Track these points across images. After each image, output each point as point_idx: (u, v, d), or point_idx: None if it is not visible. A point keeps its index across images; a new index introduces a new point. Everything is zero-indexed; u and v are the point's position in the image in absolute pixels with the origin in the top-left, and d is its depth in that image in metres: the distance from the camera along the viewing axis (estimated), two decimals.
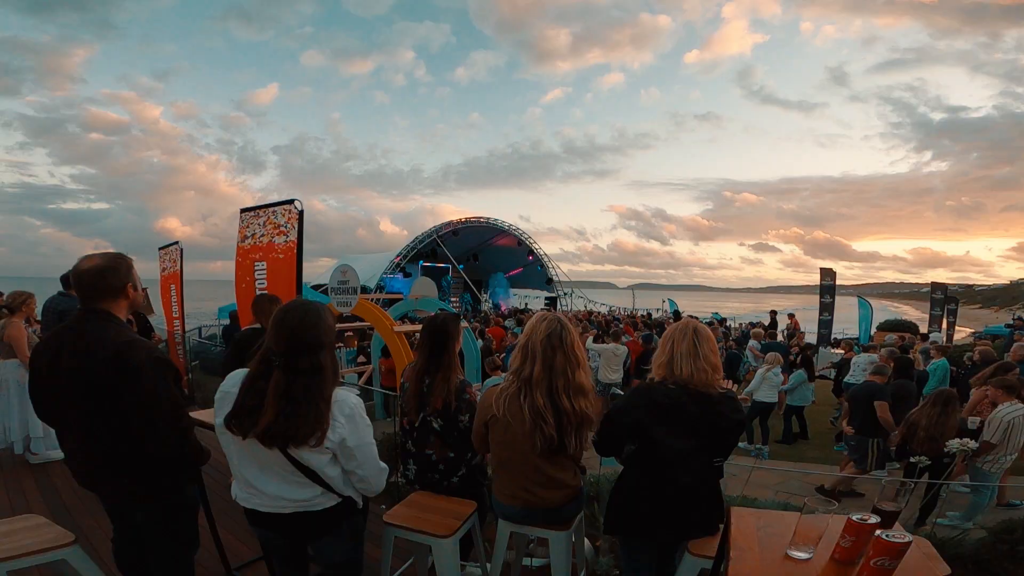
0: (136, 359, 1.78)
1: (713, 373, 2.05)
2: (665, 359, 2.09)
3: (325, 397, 1.61)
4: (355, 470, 1.72)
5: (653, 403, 2.02)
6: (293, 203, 4.35)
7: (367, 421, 1.71)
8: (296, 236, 4.25)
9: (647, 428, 2.02)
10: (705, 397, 2.02)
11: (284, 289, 4.24)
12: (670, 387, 2.04)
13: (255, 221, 4.53)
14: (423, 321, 2.77)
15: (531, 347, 2.12)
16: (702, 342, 2.07)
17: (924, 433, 4.50)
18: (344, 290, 6.80)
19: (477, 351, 7.87)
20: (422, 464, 2.59)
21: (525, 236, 24.56)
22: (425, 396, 2.54)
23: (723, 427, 2.04)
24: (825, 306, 18.91)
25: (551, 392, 2.06)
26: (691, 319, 2.27)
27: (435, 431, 2.54)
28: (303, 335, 1.62)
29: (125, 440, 1.82)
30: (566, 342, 2.10)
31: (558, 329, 2.12)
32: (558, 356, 2.08)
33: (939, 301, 21.10)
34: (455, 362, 2.61)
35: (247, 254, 4.49)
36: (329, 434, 1.60)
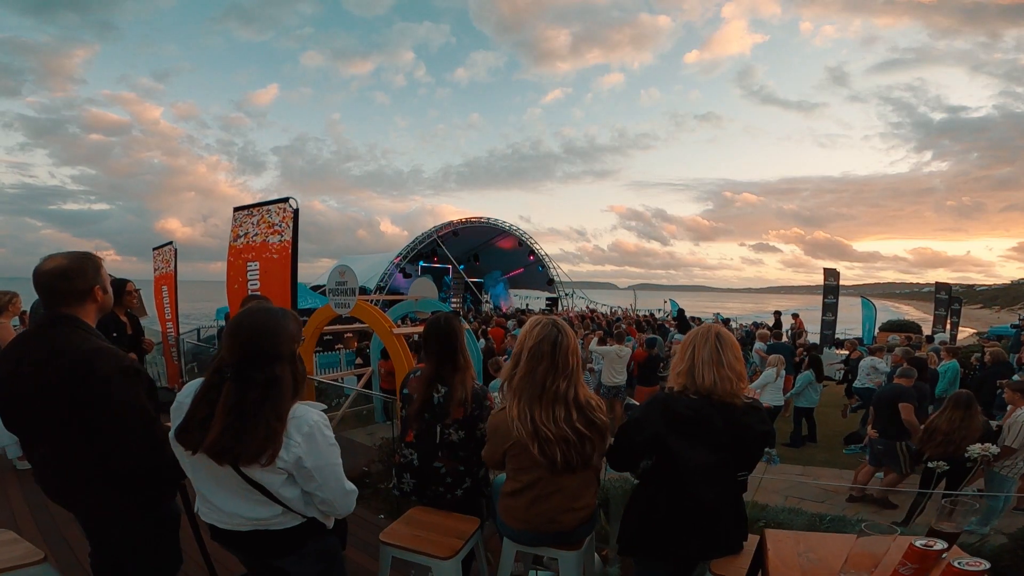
0: (103, 368, 1.63)
1: (738, 382, 1.90)
2: (685, 367, 1.94)
3: (279, 413, 1.47)
4: (315, 492, 1.57)
5: (673, 415, 1.87)
6: (288, 201, 4.20)
7: (330, 440, 1.56)
8: (291, 235, 4.10)
9: (666, 442, 1.87)
10: (730, 408, 1.87)
11: (278, 290, 4.08)
12: (691, 397, 1.89)
13: (248, 220, 4.37)
14: (424, 323, 2.60)
15: (521, 353, 2.00)
16: (725, 348, 1.92)
17: (945, 438, 4.37)
18: (342, 291, 6.66)
19: (478, 352, 7.72)
20: (426, 477, 2.42)
21: (526, 236, 24.41)
22: (442, 406, 2.36)
23: (749, 440, 1.89)
24: (828, 306, 18.77)
25: (530, 399, 1.95)
26: (712, 323, 2.11)
27: (452, 444, 2.37)
28: (257, 344, 1.49)
29: (94, 454, 1.69)
30: (560, 347, 1.96)
31: (552, 333, 1.97)
32: (544, 363, 1.95)
33: (943, 301, 20.96)
34: (469, 362, 2.46)
35: (239, 254, 4.33)
36: (282, 453, 1.47)
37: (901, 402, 5.16)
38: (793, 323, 14.71)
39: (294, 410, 1.51)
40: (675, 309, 26.45)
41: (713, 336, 1.94)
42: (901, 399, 5.19)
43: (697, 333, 1.98)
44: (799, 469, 6.84)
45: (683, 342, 2.03)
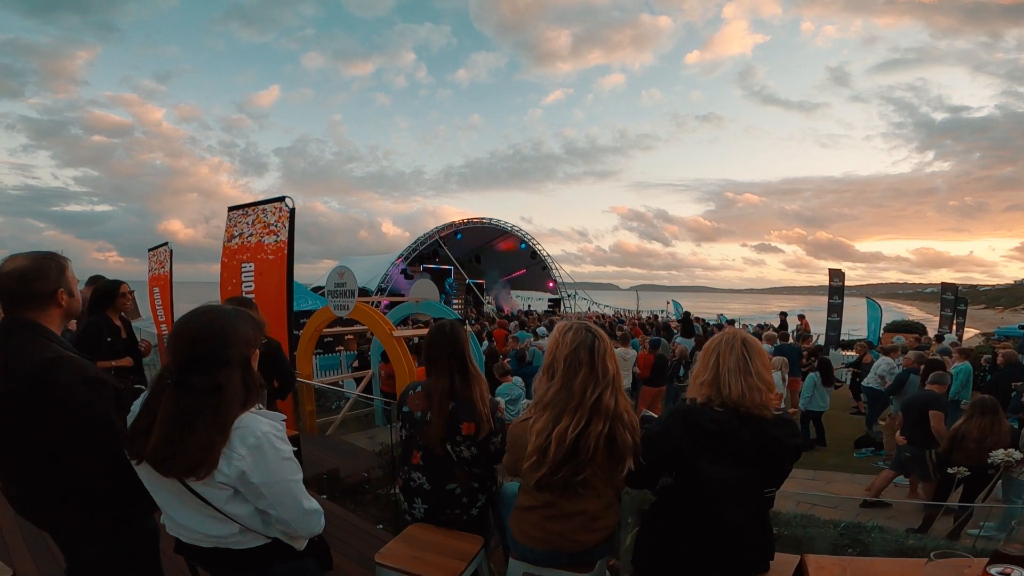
0: (64, 379, 1.49)
1: (767, 392, 1.75)
2: (709, 376, 1.78)
3: (219, 423, 1.33)
4: (268, 511, 1.42)
5: (696, 429, 1.72)
6: (284, 200, 4.05)
7: (283, 454, 1.41)
8: (287, 235, 3.95)
9: (689, 457, 1.72)
10: (758, 421, 1.72)
11: (273, 292, 3.94)
12: (716, 410, 1.73)
13: (243, 220, 4.23)
14: (427, 326, 2.43)
15: (554, 364, 1.82)
16: (753, 356, 1.76)
17: (977, 445, 4.22)
18: (341, 293, 6.53)
19: (480, 355, 7.58)
20: (440, 500, 2.24)
21: (528, 237, 24.26)
22: (451, 422, 2.20)
23: (779, 454, 1.74)
24: (834, 307, 18.57)
25: (561, 415, 1.76)
26: (737, 328, 1.95)
27: (465, 461, 2.20)
28: (199, 349, 1.37)
29: (57, 470, 1.55)
30: (598, 353, 1.80)
31: (588, 338, 1.81)
32: (582, 372, 1.77)
33: (949, 302, 20.77)
34: (479, 371, 2.30)
35: (234, 255, 4.19)
36: (222, 467, 1.33)
37: (932, 410, 5.00)
38: (799, 324, 14.52)
39: (240, 420, 1.37)
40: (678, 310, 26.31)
41: (739, 343, 1.78)
42: (932, 407, 5.03)
43: (721, 340, 1.83)
44: (810, 474, 6.68)
45: (705, 350, 1.87)
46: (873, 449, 7.46)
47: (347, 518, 3.87)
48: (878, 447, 7.48)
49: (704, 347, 1.89)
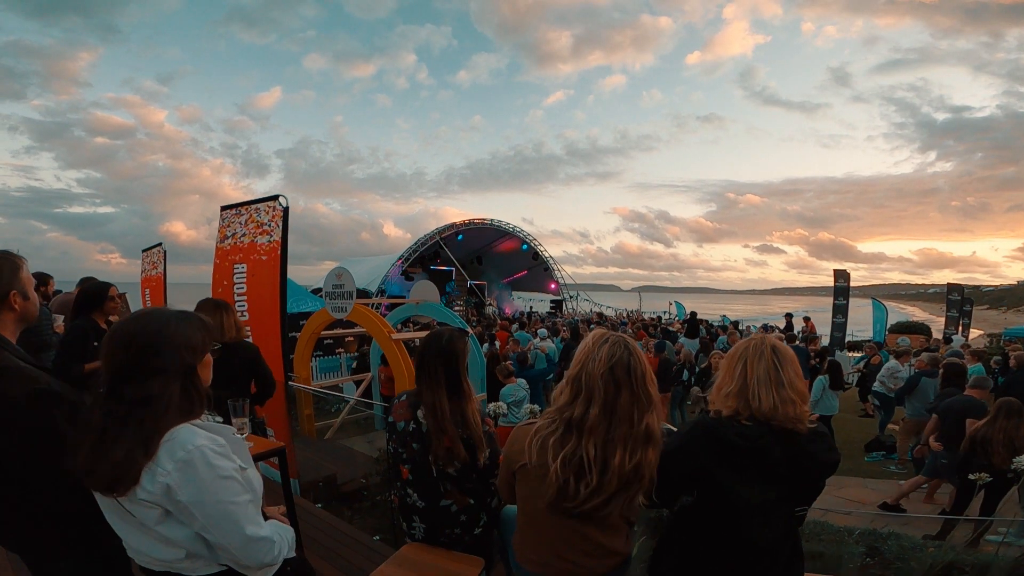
0: (9, 391, 1.35)
1: (802, 404, 1.59)
2: (735, 387, 1.62)
3: (144, 436, 1.20)
4: (204, 535, 1.27)
5: (723, 444, 1.56)
6: (277, 199, 3.91)
7: (222, 471, 1.25)
8: (280, 235, 3.81)
9: (713, 475, 1.56)
10: (793, 436, 1.56)
11: (267, 294, 3.80)
12: (744, 424, 1.57)
13: (236, 220, 4.09)
14: (425, 332, 2.26)
15: (587, 380, 1.58)
16: (785, 364, 1.60)
17: (1005, 449, 4.08)
18: (339, 294, 6.38)
19: (482, 359, 7.42)
20: (438, 519, 2.09)
21: (530, 238, 24.11)
22: (431, 435, 2.04)
23: (815, 472, 1.59)
24: (839, 308, 18.43)
25: (606, 442, 1.55)
26: (766, 334, 1.79)
27: (451, 477, 2.05)
28: (133, 355, 1.25)
29: (13, 487, 1.42)
30: (635, 374, 1.56)
31: (624, 356, 1.57)
32: (623, 395, 1.54)
33: (956, 303, 20.60)
34: (471, 388, 2.14)
35: (226, 255, 4.05)
36: (145, 482, 1.19)
37: (969, 417, 4.84)
38: (804, 326, 14.35)
39: (173, 432, 1.23)
40: (680, 311, 26.13)
41: (769, 350, 1.62)
42: (969, 413, 4.87)
43: (748, 347, 1.66)
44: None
45: (730, 358, 1.70)
46: (884, 453, 7.30)
47: (342, 528, 3.73)
48: (889, 451, 7.33)
49: (728, 355, 1.73)
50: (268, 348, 3.94)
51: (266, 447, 2.53)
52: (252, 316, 3.94)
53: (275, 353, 3.88)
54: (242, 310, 3.96)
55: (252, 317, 3.95)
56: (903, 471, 6.72)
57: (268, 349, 3.95)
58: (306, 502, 4.06)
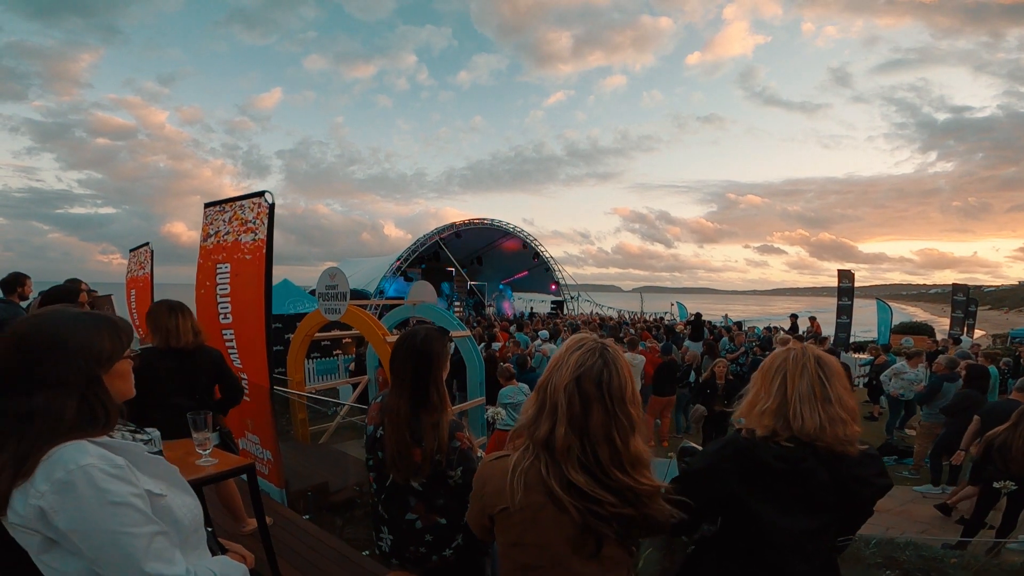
0: None
1: (852, 423, 1.38)
2: (773, 404, 1.41)
3: (21, 454, 1.03)
4: (96, 569, 1.06)
5: (758, 467, 1.36)
6: (263, 196, 3.71)
7: (113, 496, 1.05)
8: (266, 233, 3.61)
9: (745, 502, 1.36)
10: (842, 459, 1.36)
11: (251, 294, 3.60)
12: (785, 445, 1.37)
13: (220, 217, 3.89)
14: (399, 336, 2.03)
15: (550, 392, 1.31)
16: (832, 379, 1.40)
17: (1022, 456, 3.89)
18: (333, 295, 6.18)
19: (480, 362, 7.21)
20: (402, 533, 1.89)
21: (530, 238, 23.90)
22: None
23: (865, 498, 1.39)
24: (843, 308, 18.19)
25: (588, 466, 1.27)
26: (806, 344, 1.58)
27: (415, 491, 1.85)
28: (16, 363, 1.08)
29: None
30: (609, 389, 1.28)
31: (597, 367, 1.29)
32: (595, 412, 1.26)
33: (961, 303, 20.35)
34: (446, 398, 1.91)
35: (209, 254, 3.85)
36: (15, 503, 1.01)
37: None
38: (810, 326, 14.12)
39: (57, 449, 1.04)
40: (682, 312, 25.90)
41: (813, 363, 1.41)
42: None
43: (787, 358, 1.45)
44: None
45: (766, 371, 1.49)
46: (897, 457, 7.09)
47: (330, 543, 3.52)
48: (901, 455, 7.12)
49: (763, 367, 1.52)
50: (252, 352, 3.75)
51: (230, 465, 2.31)
52: (236, 318, 3.74)
53: (259, 357, 3.68)
54: (225, 312, 3.76)
55: (236, 319, 3.74)
56: (916, 476, 6.52)
57: (252, 353, 3.75)
58: (293, 514, 3.86)
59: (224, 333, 3.79)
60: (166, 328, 2.81)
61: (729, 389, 6.66)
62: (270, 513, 3.76)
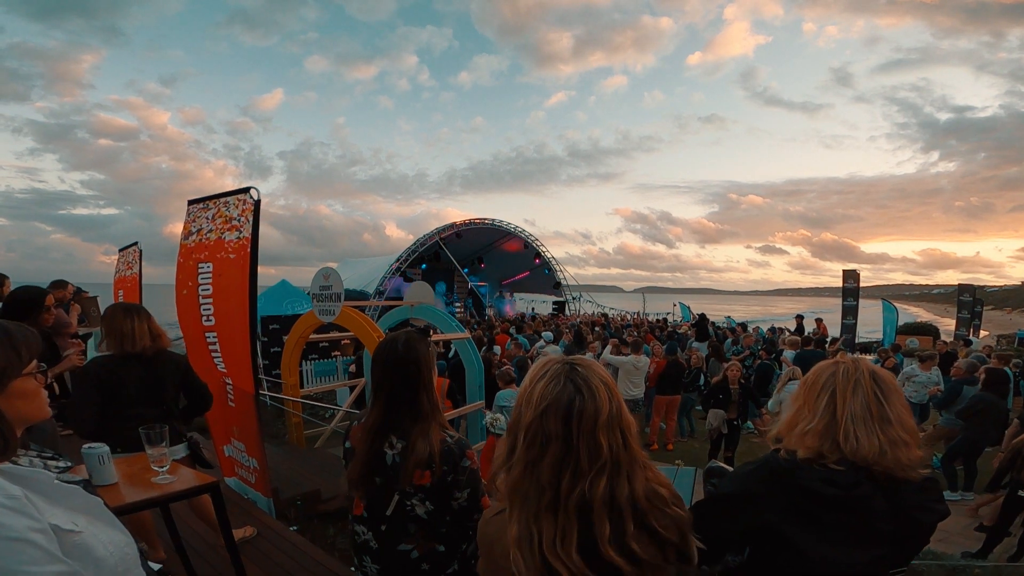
0: None
1: (914, 446, 1.21)
2: (819, 424, 1.23)
3: None
4: None
5: (801, 493, 1.18)
6: (248, 192, 3.53)
7: (10, 532, 0.88)
8: (251, 231, 3.43)
9: (783, 533, 1.18)
10: (902, 485, 1.18)
11: (234, 296, 3.42)
12: (835, 468, 1.19)
13: (203, 214, 3.71)
14: (378, 346, 1.83)
15: (516, 427, 1.09)
16: (889, 396, 1.22)
17: None
18: (327, 296, 6.00)
19: (480, 365, 7.02)
20: (395, 564, 1.70)
21: (532, 239, 23.70)
22: (397, 467, 1.65)
23: (926, 527, 1.22)
24: (848, 309, 17.98)
25: (564, 524, 1.02)
26: (858, 357, 1.39)
27: (418, 519, 1.66)
28: None
29: None
30: (582, 421, 1.03)
31: (570, 395, 1.04)
32: (550, 451, 1.03)
33: (967, 304, 20.11)
34: (437, 406, 1.72)
35: (191, 253, 3.66)
36: None
37: None
38: (816, 327, 13.90)
39: None
40: (685, 312, 25.69)
41: (868, 378, 1.23)
42: None
43: (836, 373, 1.26)
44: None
45: (809, 387, 1.30)
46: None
47: (316, 556, 3.33)
48: None
49: (807, 382, 1.33)
50: (236, 356, 3.56)
51: (190, 483, 2.11)
52: (219, 320, 3.56)
53: (244, 361, 3.49)
54: (208, 314, 3.58)
55: (219, 322, 3.56)
56: None
57: (236, 357, 3.57)
58: (279, 524, 3.67)
59: (207, 336, 3.60)
60: (121, 332, 2.60)
61: (743, 395, 6.31)
62: (255, 524, 3.58)
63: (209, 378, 3.81)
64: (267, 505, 3.86)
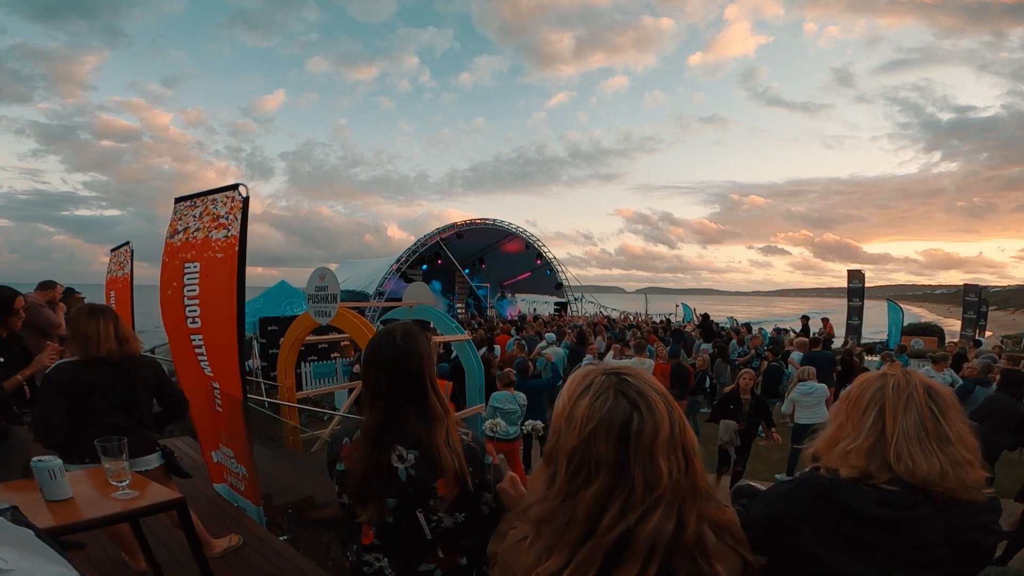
0: None
1: (977, 466, 1.08)
2: (866, 443, 1.10)
3: None
4: None
5: (847, 516, 1.05)
6: (237, 189, 3.39)
7: None
8: (239, 229, 3.28)
9: (823, 561, 1.05)
10: (963, 507, 1.06)
11: (222, 297, 3.28)
12: (887, 488, 1.05)
13: (190, 212, 3.57)
14: (371, 341, 1.63)
15: (555, 451, 0.92)
16: (947, 412, 1.09)
17: None
18: (323, 298, 5.86)
19: (480, 367, 6.87)
20: None
21: (533, 239, 23.54)
22: (417, 481, 1.45)
23: (986, 550, 1.09)
24: (854, 310, 17.81)
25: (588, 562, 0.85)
26: (909, 369, 1.23)
27: (445, 533, 1.48)
28: None
29: None
30: (638, 444, 0.86)
31: (624, 412, 0.87)
32: (597, 484, 0.86)
33: (973, 304, 19.88)
34: (447, 404, 1.54)
35: (176, 252, 3.52)
36: None
37: None
38: (822, 327, 13.72)
39: None
40: (688, 313, 25.49)
41: (922, 393, 1.09)
42: None
43: (886, 388, 1.13)
44: None
45: (853, 401, 1.17)
46: None
47: (304, 567, 3.16)
48: None
49: (848, 397, 1.19)
50: (223, 359, 3.42)
51: (154, 499, 1.94)
52: (204, 323, 3.41)
53: (231, 366, 3.35)
54: (193, 315, 3.43)
55: (204, 324, 3.41)
56: None
57: (223, 360, 3.42)
58: (268, 534, 3.52)
59: (192, 338, 3.46)
60: (85, 335, 2.44)
61: (755, 406, 5.86)
62: (242, 532, 3.43)
63: (196, 382, 3.67)
64: (256, 513, 3.71)
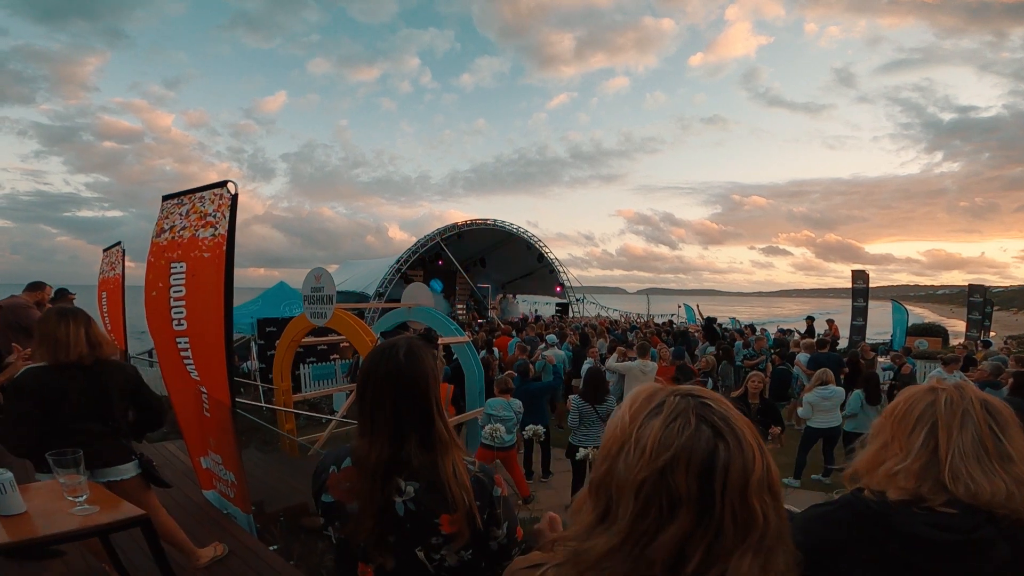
0: None
1: None
2: (916, 463, 0.98)
3: None
4: None
5: (900, 542, 0.94)
6: (225, 186, 3.26)
7: None
8: (227, 228, 3.16)
9: None
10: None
11: (209, 298, 3.15)
12: (942, 512, 0.94)
13: (177, 211, 3.44)
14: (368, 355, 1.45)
15: (610, 483, 0.74)
16: (1007, 429, 0.98)
17: None
18: (318, 299, 5.74)
19: (480, 370, 6.73)
20: None
21: (534, 240, 23.41)
22: (416, 516, 1.29)
23: None
24: (858, 310, 17.65)
25: None
26: (962, 383, 1.10)
27: (451, 571, 1.32)
28: None
29: None
30: (730, 478, 0.69)
31: (708, 442, 0.70)
32: (678, 523, 0.68)
33: (978, 305, 19.66)
34: (452, 429, 1.37)
35: (163, 252, 3.39)
36: None
37: None
38: (828, 329, 13.55)
39: None
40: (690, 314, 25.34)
41: (978, 407, 0.99)
42: None
43: (936, 402, 1.02)
44: None
45: (895, 417, 1.06)
46: None
47: None
48: None
49: (893, 412, 1.07)
50: (210, 363, 3.29)
51: (115, 515, 1.80)
52: (191, 325, 3.28)
53: (219, 370, 3.21)
54: (179, 317, 3.30)
55: (191, 326, 3.28)
56: None
57: (210, 364, 3.29)
58: (257, 544, 3.39)
59: (178, 341, 3.32)
60: (54, 338, 2.31)
61: (764, 410, 5.67)
62: (229, 541, 3.30)
63: (183, 386, 3.54)
64: (247, 521, 3.58)
